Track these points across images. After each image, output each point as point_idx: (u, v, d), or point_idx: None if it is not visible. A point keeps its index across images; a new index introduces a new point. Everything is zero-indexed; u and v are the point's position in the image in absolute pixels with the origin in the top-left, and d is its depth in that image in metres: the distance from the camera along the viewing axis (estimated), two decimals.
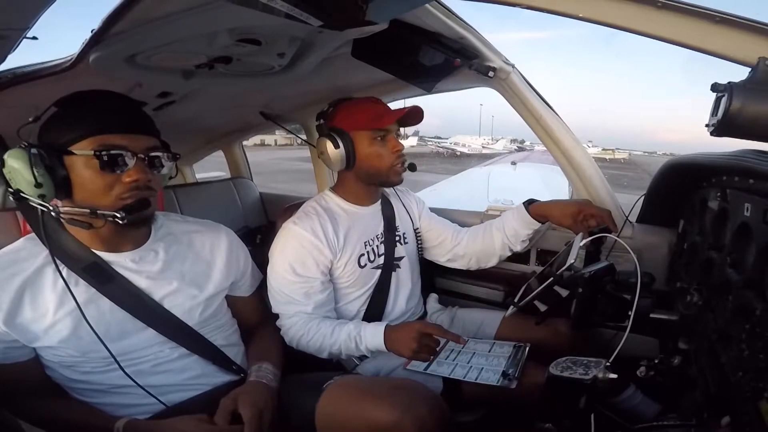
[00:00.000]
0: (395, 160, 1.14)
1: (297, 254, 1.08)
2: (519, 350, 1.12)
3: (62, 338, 0.78)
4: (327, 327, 1.07)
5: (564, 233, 1.44)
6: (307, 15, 0.82)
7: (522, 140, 51.48)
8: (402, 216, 1.31)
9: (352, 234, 1.16)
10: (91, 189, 0.76)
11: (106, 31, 0.85)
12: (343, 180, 1.22)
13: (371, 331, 1.03)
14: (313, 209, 1.16)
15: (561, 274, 0.97)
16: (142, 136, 0.80)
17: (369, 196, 1.23)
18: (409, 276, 1.28)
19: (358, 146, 1.12)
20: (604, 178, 1.39)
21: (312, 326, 1.07)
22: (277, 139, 34.00)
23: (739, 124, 0.62)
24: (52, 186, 0.75)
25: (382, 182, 1.19)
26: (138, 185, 0.78)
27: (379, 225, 1.24)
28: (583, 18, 0.72)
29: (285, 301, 1.10)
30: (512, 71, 1.26)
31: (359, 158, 1.13)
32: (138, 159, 0.78)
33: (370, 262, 1.19)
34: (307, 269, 1.08)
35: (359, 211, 1.21)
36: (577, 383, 0.64)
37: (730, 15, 0.64)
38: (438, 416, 0.78)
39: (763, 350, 0.58)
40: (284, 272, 1.08)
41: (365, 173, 1.16)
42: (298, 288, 1.08)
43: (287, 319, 1.10)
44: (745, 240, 0.69)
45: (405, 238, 1.29)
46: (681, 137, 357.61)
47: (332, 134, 1.12)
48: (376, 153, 1.13)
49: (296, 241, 1.09)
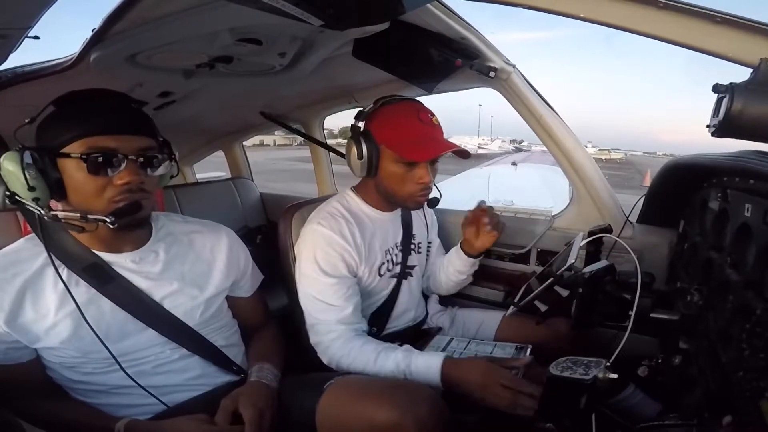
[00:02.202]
0: (418, 191, 1.06)
1: (327, 256, 1.03)
2: (521, 352, 1.11)
3: (63, 339, 0.77)
4: (370, 352, 0.98)
5: (564, 233, 1.44)
6: (308, 14, 0.82)
7: (521, 140, 51.45)
8: (419, 225, 1.28)
9: (374, 242, 1.12)
10: (83, 192, 0.76)
11: (106, 31, 0.85)
12: (365, 182, 1.15)
13: (424, 364, 0.93)
14: (338, 211, 1.09)
15: (561, 274, 0.97)
16: (134, 137, 0.78)
17: (389, 205, 1.17)
18: (418, 283, 1.28)
19: (383, 161, 1.04)
20: (605, 178, 1.40)
21: (354, 347, 0.99)
22: (275, 139, 34.00)
23: (741, 125, 0.62)
24: (45, 189, 0.75)
25: (398, 205, 1.14)
26: (130, 188, 0.76)
27: (398, 232, 1.20)
28: (584, 18, 0.72)
29: (321, 309, 1.03)
30: (513, 71, 1.27)
31: (381, 174, 1.06)
32: (129, 161, 0.76)
33: (389, 271, 1.17)
34: (339, 270, 1.04)
35: (381, 216, 1.16)
36: (577, 383, 0.64)
37: (731, 15, 0.64)
38: (438, 416, 0.78)
39: (763, 350, 0.58)
40: (316, 275, 1.02)
41: (383, 189, 1.09)
42: (334, 290, 1.02)
43: (325, 335, 1.02)
44: (746, 240, 0.69)
45: (419, 247, 1.27)
46: (682, 138, 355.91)
47: (360, 140, 1.04)
48: (399, 177, 1.04)
49: (325, 242, 1.04)
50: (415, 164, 1.03)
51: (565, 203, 1.54)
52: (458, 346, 1.17)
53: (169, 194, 1.92)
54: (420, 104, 1.07)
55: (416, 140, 1.01)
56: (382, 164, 1.04)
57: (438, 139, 1.05)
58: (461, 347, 1.16)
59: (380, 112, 1.05)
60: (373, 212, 1.15)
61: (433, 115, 1.05)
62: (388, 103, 1.06)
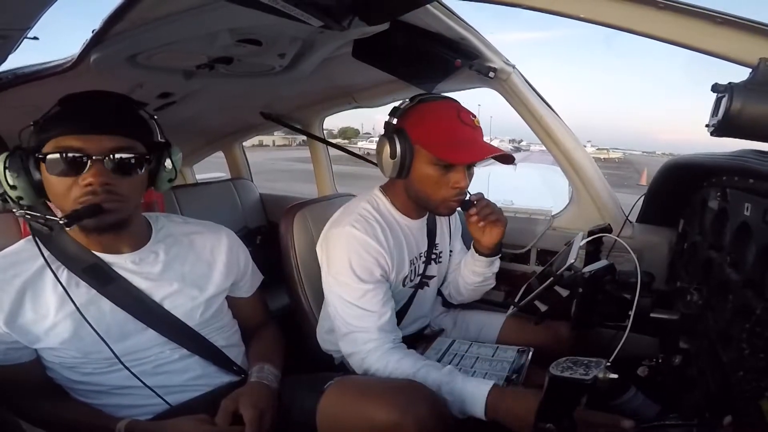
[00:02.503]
0: (453, 196, 0.98)
1: (363, 261, 0.97)
2: (523, 355, 1.11)
3: (63, 339, 0.77)
4: (408, 367, 0.91)
5: (564, 233, 1.44)
6: (307, 15, 0.82)
7: (520, 140, 51.35)
8: (443, 233, 1.21)
9: (404, 250, 1.07)
10: (54, 192, 0.76)
11: (107, 32, 0.85)
12: (393, 184, 1.07)
13: (469, 393, 0.84)
14: (370, 214, 1.03)
15: (561, 274, 0.97)
16: (103, 137, 0.75)
17: (417, 211, 1.09)
18: (433, 294, 1.24)
19: (417, 162, 0.96)
20: (604, 178, 1.40)
21: (390, 361, 0.92)
22: (275, 139, 34.03)
23: (740, 124, 0.62)
24: (28, 190, 0.75)
25: (428, 210, 1.07)
26: (94, 189, 0.73)
27: (423, 241, 1.14)
28: (583, 18, 0.72)
29: (358, 315, 0.96)
30: (513, 72, 1.27)
31: (413, 176, 0.98)
32: (94, 161, 0.74)
33: (410, 281, 1.11)
34: (375, 275, 0.98)
35: (409, 224, 1.09)
36: (577, 383, 0.64)
37: (731, 16, 0.64)
38: (438, 416, 0.78)
39: (763, 349, 0.58)
40: (351, 281, 0.96)
41: (414, 193, 1.02)
42: (372, 296, 0.96)
43: (363, 345, 0.95)
44: (745, 240, 0.69)
45: (440, 256, 1.20)
46: (681, 137, 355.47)
47: (394, 138, 0.96)
48: (433, 180, 0.97)
49: (360, 247, 0.97)
50: (451, 167, 0.95)
51: (565, 203, 1.54)
52: (460, 348, 1.17)
53: (169, 195, 1.92)
54: (460, 104, 0.99)
55: (456, 141, 0.94)
56: (416, 165, 0.97)
57: (479, 142, 0.97)
58: (463, 349, 1.16)
59: (417, 110, 0.98)
60: (402, 219, 1.08)
61: (474, 117, 0.98)
62: (426, 100, 0.99)
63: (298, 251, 1.21)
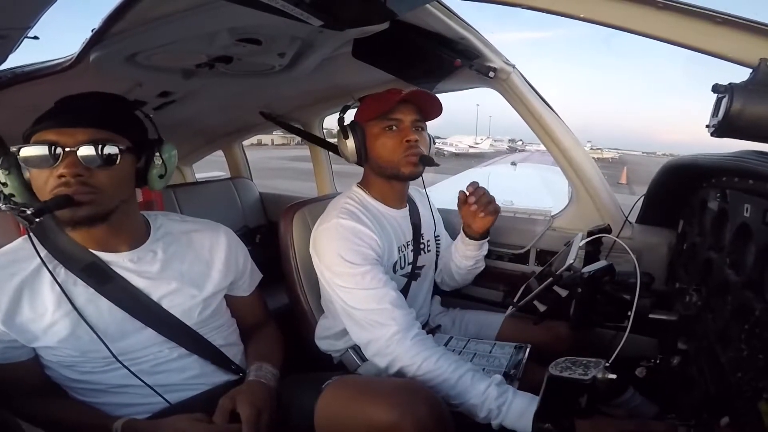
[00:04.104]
0: (406, 150, 1.07)
1: (355, 246, 1.00)
2: (520, 351, 1.12)
3: (61, 338, 0.77)
4: (448, 371, 0.87)
5: (563, 233, 1.44)
6: (307, 15, 0.82)
7: (520, 140, 51.35)
8: (427, 222, 1.28)
9: (390, 237, 1.12)
10: (35, 185, 0.76)
11: (106, 31, 0.85)
12: (366, 177, 1.18)
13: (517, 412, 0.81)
14: (355, 206, 1.09)
15: (560, 274, 0.97)
16: (77, 129, 0.75)
17: (395, 196, 1.17)
18: (426, 284, 1.28)
19: (369, 137, 1.10)
20: (604, 178, 1.40)
21: (424, 359, 0.89)
22: (273, 138, 34.02)
23: (740, 125, 0.62)
24: (18, 187, 0.76)
25: (395, 175, 1.11)
26: (66, 181, 0.73)
27: (408, 231, 1.20)
28: (583, 18, 0.72)
29: (363, 298, 0.96)
30: (513, 72, 1.27)
31: (370, 151, 1.10)
32: (67, 153, 0.74)
33: (401, 269, 1.16)
34: (369, 258, 1.00)
35: (392, 213, 1.17)
36: (576, 383, 0.64)
37: (731, 16, 0.64)
38: (437, 417, 0.78)
39: (762, 350, 0.58)
40: (347, 268, 0.97)
41: (377, 166, 1.11)
42: (371, 276, 0.97)
43: (381, 328, 0.93)
44: (745, 240, 0.69)
45: (428, 246, 1.27)
46: (681, 138, 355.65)
47: (346, 127, 1.11)
48: (387, 147, 1.08)
49: (350, 233, 1.01)
50: (397, 127, 1.08)
51: (565, 203, 1.54)
52: (457, 344, 1.18)
53: (168, 194, 1.92)
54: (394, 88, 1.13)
55: (386, 99, 1.07)
56: (369, 142, 1.10)
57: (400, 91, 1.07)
58: (460, 346, 1.17)
59: (361, 103, 1.15)
60: (384, 208, 1.16)
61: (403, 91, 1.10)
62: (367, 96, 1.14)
63: (298, 250, 1.21)
